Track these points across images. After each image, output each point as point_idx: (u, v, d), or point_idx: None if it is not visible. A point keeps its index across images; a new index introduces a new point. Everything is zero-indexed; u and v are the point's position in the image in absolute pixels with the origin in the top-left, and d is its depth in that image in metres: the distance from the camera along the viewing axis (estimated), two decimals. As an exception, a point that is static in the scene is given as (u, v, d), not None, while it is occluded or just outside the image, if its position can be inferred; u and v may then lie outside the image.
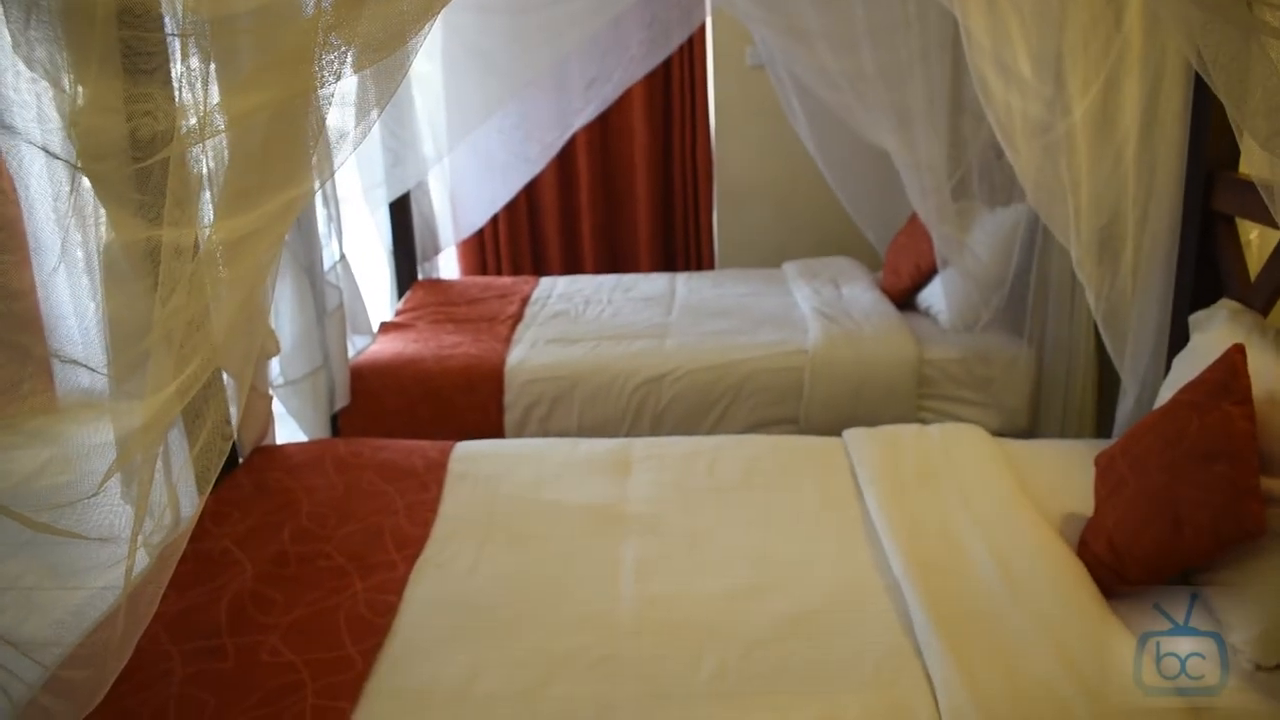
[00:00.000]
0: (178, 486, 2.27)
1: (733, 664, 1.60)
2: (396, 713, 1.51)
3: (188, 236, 1.11)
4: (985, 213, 3.38)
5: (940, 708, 1.47)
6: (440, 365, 3.17)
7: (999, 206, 3.35)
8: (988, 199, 3.40)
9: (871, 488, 2.12)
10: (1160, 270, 2.35)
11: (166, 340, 1.11)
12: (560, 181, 4.79)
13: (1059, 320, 3.12)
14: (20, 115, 1.23)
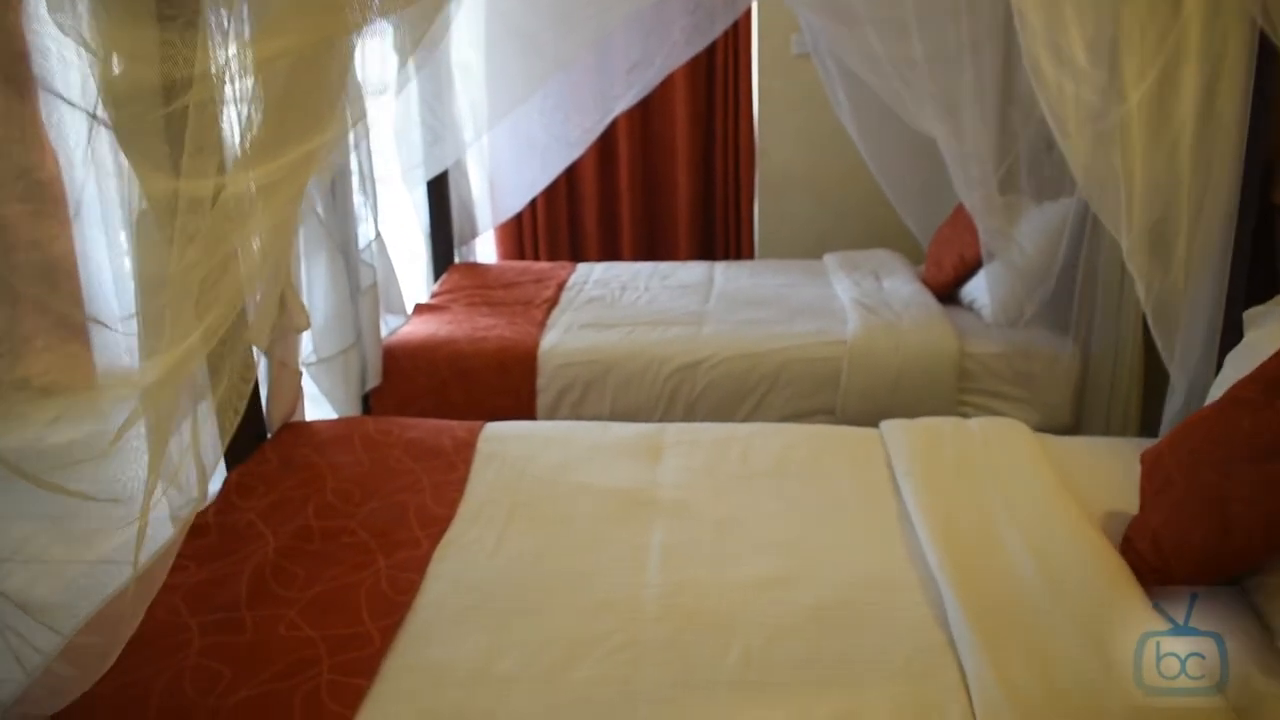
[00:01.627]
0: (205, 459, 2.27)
1: (758, 653, 1.56)
2: (413, 691, 1.48)
3: (206, 188, 1.08)
4: (1032, 207, 3.30)
5: (974, 704, 1.42)
6: (474, 347, 3.14)
7: (1047, 201, 3.26)
8: (1035, 193, 3.32)
9: (908, 480, 2.06)
10: (1214, 264, 2.26)
11: (183, 295, 1.08)
12: (600, 167, 4.75)
13: (1106, 317, 3.03)
14: (60, 77, 1.22)
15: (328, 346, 2.93)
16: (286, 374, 2.43)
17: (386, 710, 1.44)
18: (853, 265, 3.94)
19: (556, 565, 1.83)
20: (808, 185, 4.70)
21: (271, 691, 1.45)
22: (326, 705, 1.42)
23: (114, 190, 1.36)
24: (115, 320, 1.28)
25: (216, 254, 1.12)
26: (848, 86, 3.62)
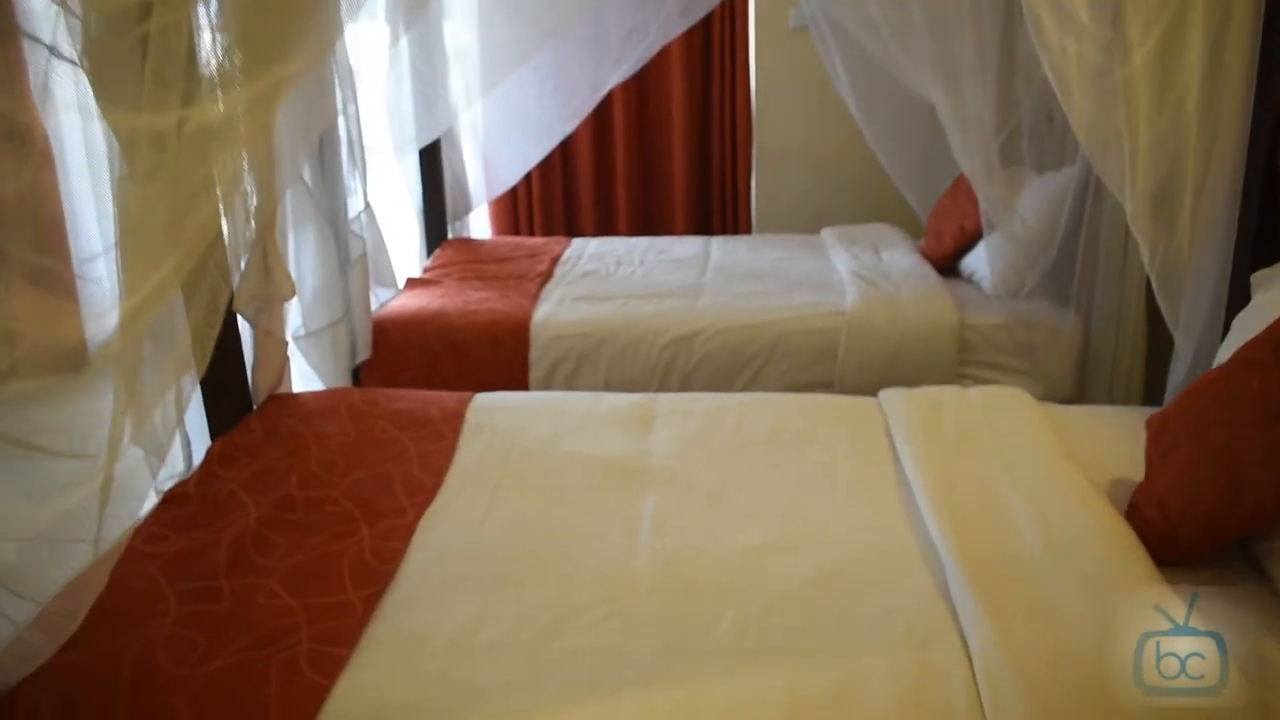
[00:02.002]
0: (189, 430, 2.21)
1: (752, 622, 1.51)
2: (395, 659, 1.44)
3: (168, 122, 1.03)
4: (1034, 178, 3.25)
5: (975, 672, 1.37)
6: (465, 320, 3.09)
7: (1048, 171, 3.21)
8: (1036, 164, 3.26)
9: (908, 447, 2.01)
10: (1221, 226, 2.21)
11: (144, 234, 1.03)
12: (596, 143, 4.69)
13: (1108, 287, 2.98)
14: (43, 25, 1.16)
15: (316, 319, 2.88)
16: (272, 343, 2.38)
17: (367, 679, 1.39)
18: (851, 239, 3.88)
19: (545, 535, 1.78)
20: (805, 160, 4.63)
21: (248, 660, 1.40)
22: (305, 674, 1.37)
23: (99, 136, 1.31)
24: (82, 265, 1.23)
25: (180, 191, 1.06)
26: (846, 58, 3.55)
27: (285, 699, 1.32)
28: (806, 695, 1.33)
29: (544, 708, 1.32)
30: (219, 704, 1.32)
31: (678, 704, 1.33)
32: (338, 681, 1.37)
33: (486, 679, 1.38)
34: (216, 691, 1.34)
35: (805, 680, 1.37)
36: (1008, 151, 3.22)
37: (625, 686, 1.36)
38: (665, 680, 1.38)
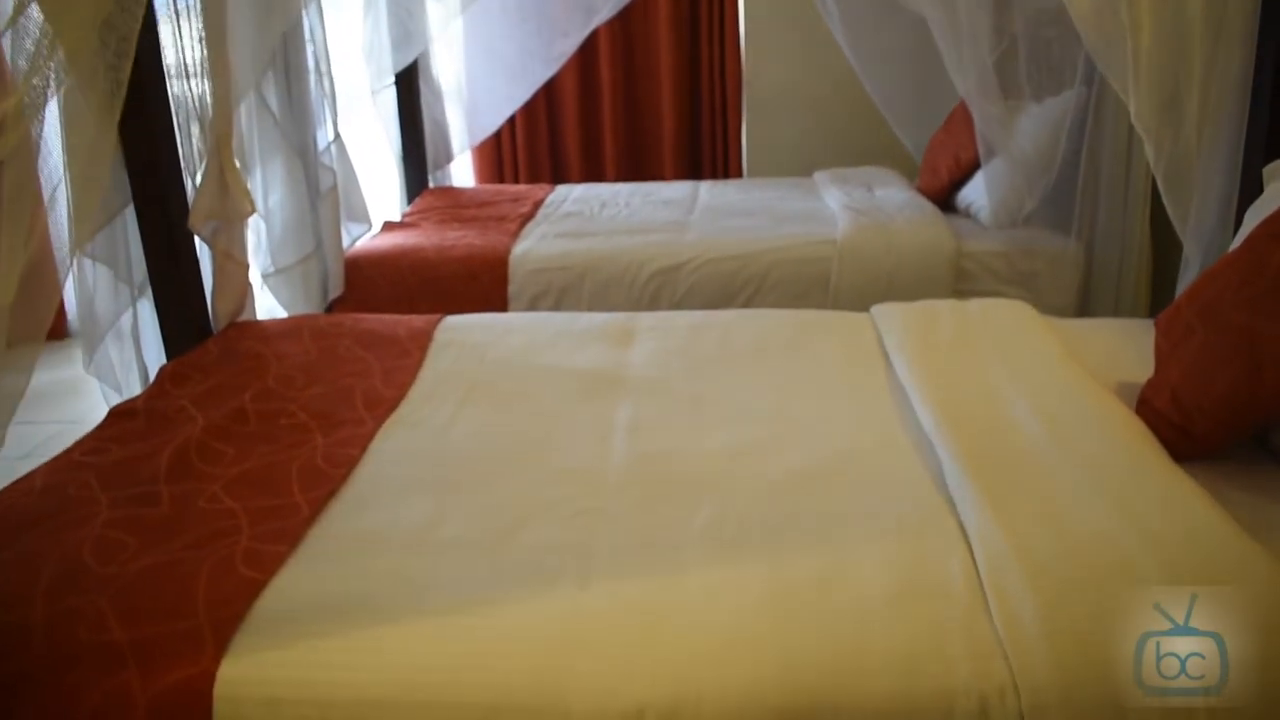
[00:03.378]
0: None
1: (732, 515, 1.39)
2: (340, 556, 1.32)
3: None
4: (1032, 106, 3.12)
5: (975, 557, 1.25)
6: (441, 255, 2.97)
7: (1047, 97, 3.08)
8: (1035, 94, 3.13)
9: (900, 353, 1.89)
10: (1230, 121, 2.08)
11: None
12: (581, 90, 4.55)
13: (1110, 212, 2.87)
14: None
15: (286, 255, 2.76)
16: (232, 267, 2.26)
17: (307, 574, 1.27)
18: (843, 179, 3.76)
19: (513, 439, 1.67)
20: (797, 106, 4.50)
21: (179, 559, 1.28)
22: (239, 571, 1.25)
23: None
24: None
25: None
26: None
27: (214, 595, 1.20)
28: (790, 581, 1.22)
29: (502, 600, 1.20)
30: (143, 601, 1.20)
31: (650, 593, 1.21)
32: (274, 578, 1.25)
33: (440, 574, 1.27)
34: (142, 589, 1.22)
35: (788, 567, 1.25)
36: (1005, 83, 3.10)
37: (593, 578, 1.24)
38: (636, 571, 1.26)
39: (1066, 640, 1.08)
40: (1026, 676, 1.06)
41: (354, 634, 1.14)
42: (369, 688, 1.09)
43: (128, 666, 1.11)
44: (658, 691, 1.07)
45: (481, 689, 1.09)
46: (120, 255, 2.15)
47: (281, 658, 1.12)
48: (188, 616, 1.16)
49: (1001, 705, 1.05)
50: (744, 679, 1.08)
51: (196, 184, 2.15)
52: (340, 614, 1.18)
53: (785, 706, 1.06)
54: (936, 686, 1.06)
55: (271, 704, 1.09)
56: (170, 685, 1.09)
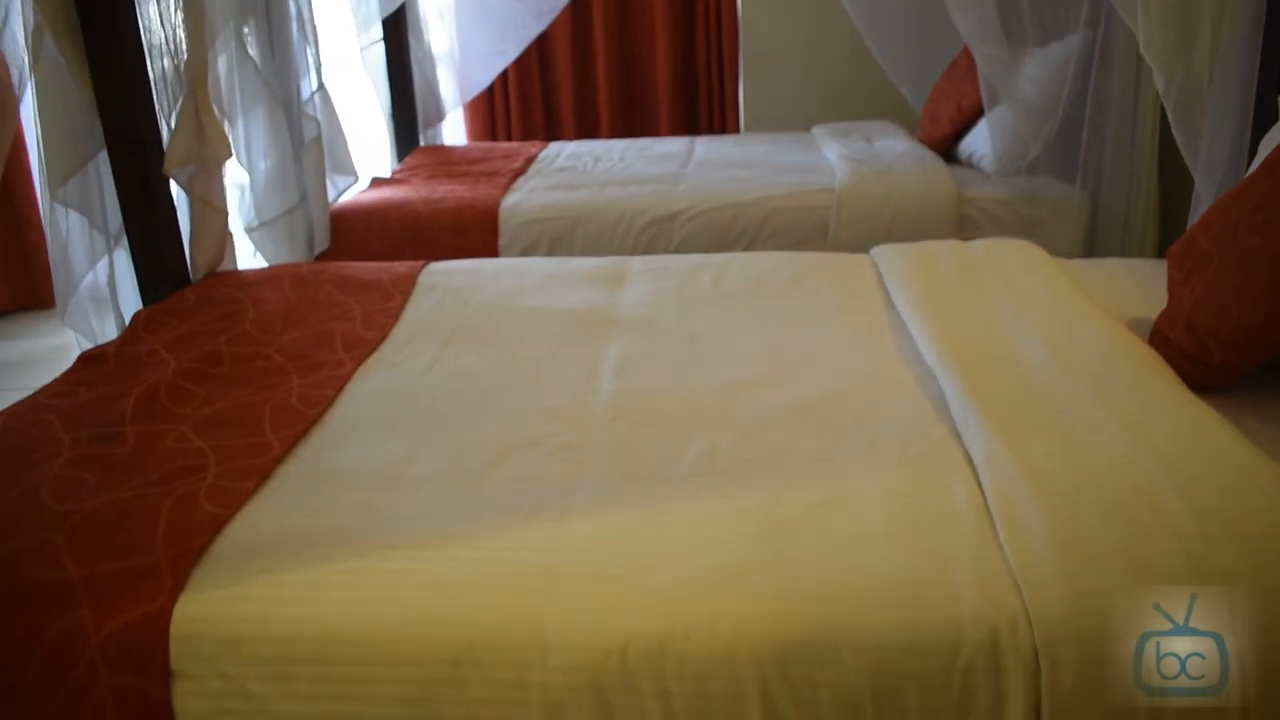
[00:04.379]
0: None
1: (723, 449, 1.32)
2: (309, 491, 1.25)
3: None
4: (1036, 51, 3.02)
5: (983, 484, 1.17)
6: (430, 207, 2.89)
7: (1052, 42, 2.99)
8: (1039, 35, 3.03)
9: (902, 290, 1.82)
10: (1243, 50, 1.99)
11: None
12: (574, 47, 4.45)
13: (1117, 159, 2.79)
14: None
15: (270, 208, 2.68)
16: (210, 213, 2.18)
17: (272, 509, 1.20)
18: (842, 133, 3.66)
19: (496, 379, 1.59)
20: (795, 61, 4.39)
21: (140, 496, 1.22)
22: (202, 507, 1.18)
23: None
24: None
25: None
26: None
27: (175, 530, 1.13)
28: (784, 512, 1.15)
29: (477, 534, 1.13)
30: (100, 538, 1.13)
31: (634, 525, 1.14)
32: (238, 513, 1.18)
33: (413, 509, 1.20)
34: (99, 526, 1.16)
35: (783, 498, 1.18)
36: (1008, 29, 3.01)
37: (573, 512, 1.17)
38: (620, 504, 1.19)
39: (1082, 570, 1.01)
40: (1040, 608, 0.99)
41: (319, 569, 1.08)
42: (335, 624, 1.03)
43: (81, 604, 1.04)
44: (641, 625, 1.01)
45: (454, 625, 1.02)
46: (95, 203, 2.07)
47: (242, 593, 1.06)
48: (145, 553, 1.10)
49: (1013, 637, 0.98)
50: (735, 611, 1.01)
51: (171, 127, 2.07)
52: (306, 549, 1.11)
53: (780, 639, 0.99)
54: (943, 617, 0.99)
55: (231, 642, 1.03)
56: (125, 623, 1.03)
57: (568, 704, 1.00)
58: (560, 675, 1.00)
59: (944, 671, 0.98)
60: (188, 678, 1.02)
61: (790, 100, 4.42)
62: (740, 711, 0.99)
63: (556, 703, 1.00)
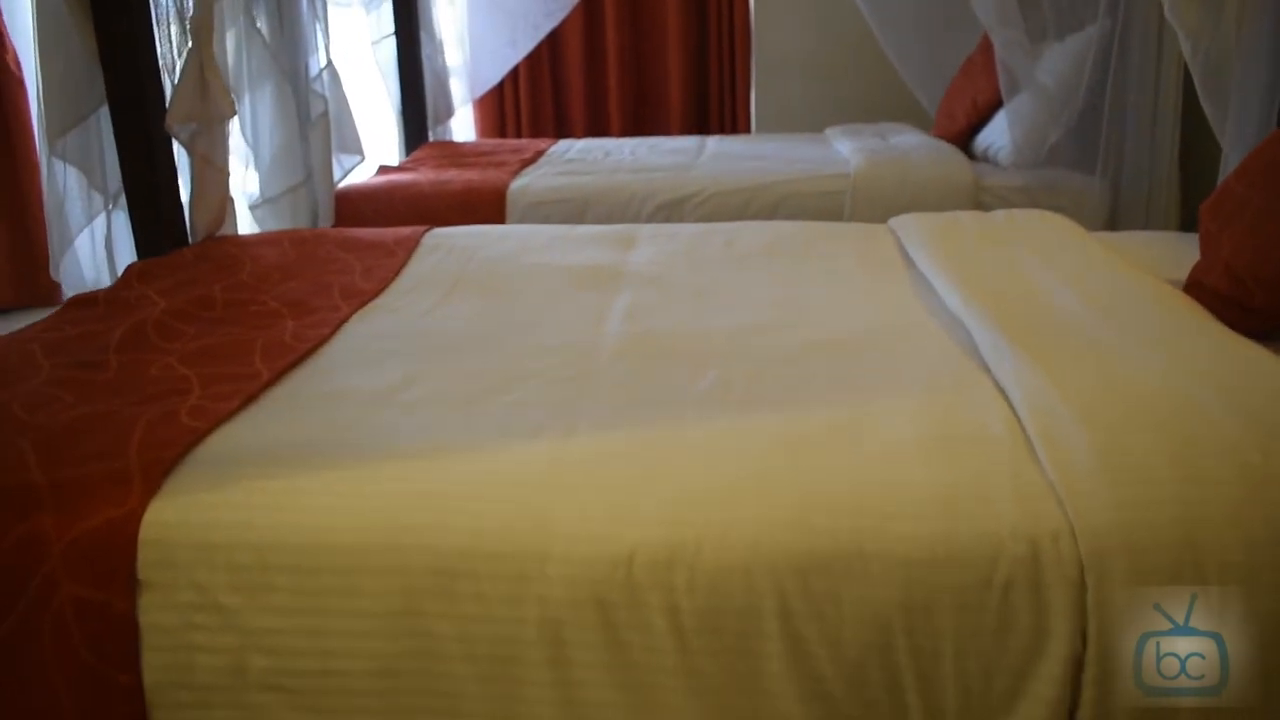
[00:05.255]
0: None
1: (739, 380, 1.24)
2: (295, 411, 1.17)
3: None
4: (1054, 44, 2.98)
5: (1017, 406, 1.09)
6: (436, 189, 2.84)
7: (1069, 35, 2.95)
8: (1057, 29, 2.99)
9: (923, 250, 1.74)
10: (1271, 12, 1.94)
11: None
12: (586, 46, 4.42)
13: (1138, 150, 2.73)
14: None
15: (275, 184, 2.63)
16: (211, 173, 2.11)
17: (256, 425, 1.13)
18: (856, 132, 3.61)
19: (498, 322, 1.52)
20: (808, 65, 4.35)
21: (117, 410, 1.14)
22: (181, 421, 1.11)
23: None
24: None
25: None
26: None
27: (150, 439, 1.06)
28: (806, 429, 1.07)
29: (476, 447, 1.06)
30: (70, 446, 1.06)
31: (645, 439, 1.06)
32: (221, 428, 1.11)
33: (408, 424, 1.12)
34: (70, 435, 1.08)
35: (805, 417, 1.10)
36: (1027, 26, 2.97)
37: (580, 429, 1.10)
38: (630, 422, 1.11)
39: (1130, 480, 0.93)
40: (1084, 519, 0.90)
41: (304, 476, 1.00)
42: (316, 530, 0.95)
43: (44, 509, 0.97)
44: (649, 534, 0.92)
45: (447, 532, 0.94)
46: (94, 160, 2.02)
47: (218, 499, 0.98)
48: (116, 459, 1.02)
49: (1055, 550, 0.90)
50: (752, 519, 0.93)
51: (174, 83, 2.02)
52: (290, 458, 1.03)
53: (801, 550, 0.91)
54: (979, 529, 0.91)
55: (204, 548, 0.95)
56: (90, 528, 0.95)
57: (567, 620, 0.92)
58: (560, 588, 0.91)
59: (980, 588, 0.89)
60: (155, 588, 0.95)
61: (802, 104, 4.38)
62: (755, 629, 0.91)
63: (555, 619, 0.92)
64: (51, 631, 0.93)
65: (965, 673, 0.90)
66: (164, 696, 0.95)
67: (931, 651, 0.90)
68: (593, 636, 0.92)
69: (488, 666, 0.93)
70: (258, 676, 0.94)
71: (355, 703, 0.94)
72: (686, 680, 0.91)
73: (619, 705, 0.92)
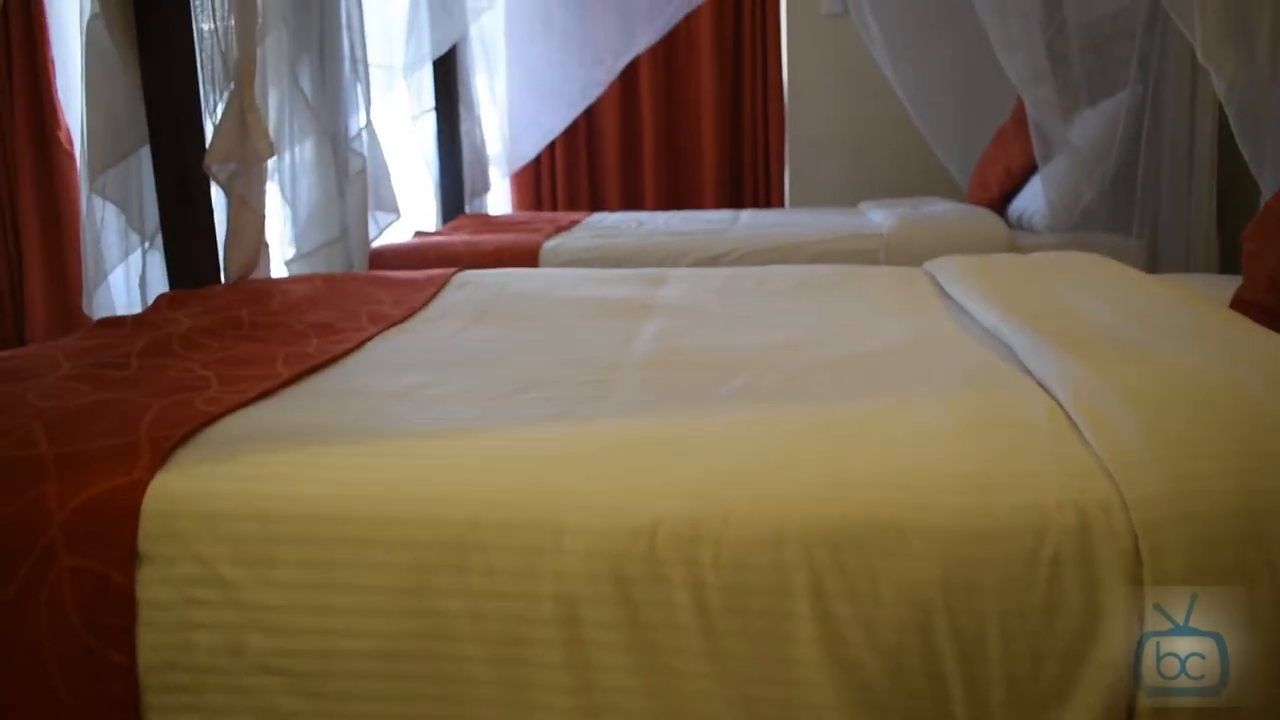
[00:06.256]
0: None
1: (770, 383, 1.20)
2: (314, 404, 1.14)
3: None
4: (1086, 110, 2.99)
5: (1061, 398, 1.03)
6: (470, 249, 2.85)
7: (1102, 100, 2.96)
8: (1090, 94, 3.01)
9: (958, 284, 1.70)
10: (1309, 48, 1.92)
11: None
12: (622, 122, 4.50)
13: (1174, 212, 2.72)
14: None
15: (310, 239, 2.66)
16: (248, 214, 2.13)
17: (269, 409, 1.10)
18: (889, 206, 3.62)
19: (527, 339, 1.50)
20: (841, 144, 4.40)
21: (129, 399, 1.12)
22: (194, 406, 1.08)
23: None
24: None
25: None
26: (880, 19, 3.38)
27: (162, 419, 1.03)
28: (840, 416, 1.02)
29: (493, 427, 1.02)
30: (80, 425, 1.03)
31: (670, 421, 1.02)
32: (230, 417, 1.08)
33: (425, 414, 1.09)
34: (81, 416, 1.06)
35: (838, 407, 1.06)
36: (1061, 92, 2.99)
37: (601, 416, 1.06)
38: (656, 410, 1.07)
39: (1182, 453, 0.87)
40: (1137, 490, 0.84)
41: (314, 450, 0.97)
42: (323, 501, 0.91)
43: (48, 480, 0.93)
44: (674, 505, 0.87)
45: (456, 503, 0.89)
46: (133, 199, 2.05)
47: (225, 470, 0.94)
48: (126, 434, 0.99)
49: (1106, 521, 0.84)
50: (782, 493, 0.88)
51: (215, 124, 2.06)
52: (302, 437, 1.00)
53: (834, 522, 0.85)
54: (1023, 502, 0.85)
55: (208, 519, 0.91)
56: (92, 497, 0.91)
57: (584, 597, 0.86)
58: (577, 561, 0.86)
59: (1027, 562, 0.83)
60: (155, 561, 0.90)
61: (836, 180, 4.40)
62: (785, 608, 0.85)
63: (571, 595, 0.86)
64: (48, 605, 0.89)
65: (1012, 657, 0.83)
66: (158, 678, 0.90)
67: (975, 635, 0.83)
68: (610, 614, 0.86)
69: (499, 648, 0.87)
70: (256, 657, 0.89)
71: (357, 687, 0.89)
72: (711, 664, 0.85)
73: (637, 691, 0.85)
